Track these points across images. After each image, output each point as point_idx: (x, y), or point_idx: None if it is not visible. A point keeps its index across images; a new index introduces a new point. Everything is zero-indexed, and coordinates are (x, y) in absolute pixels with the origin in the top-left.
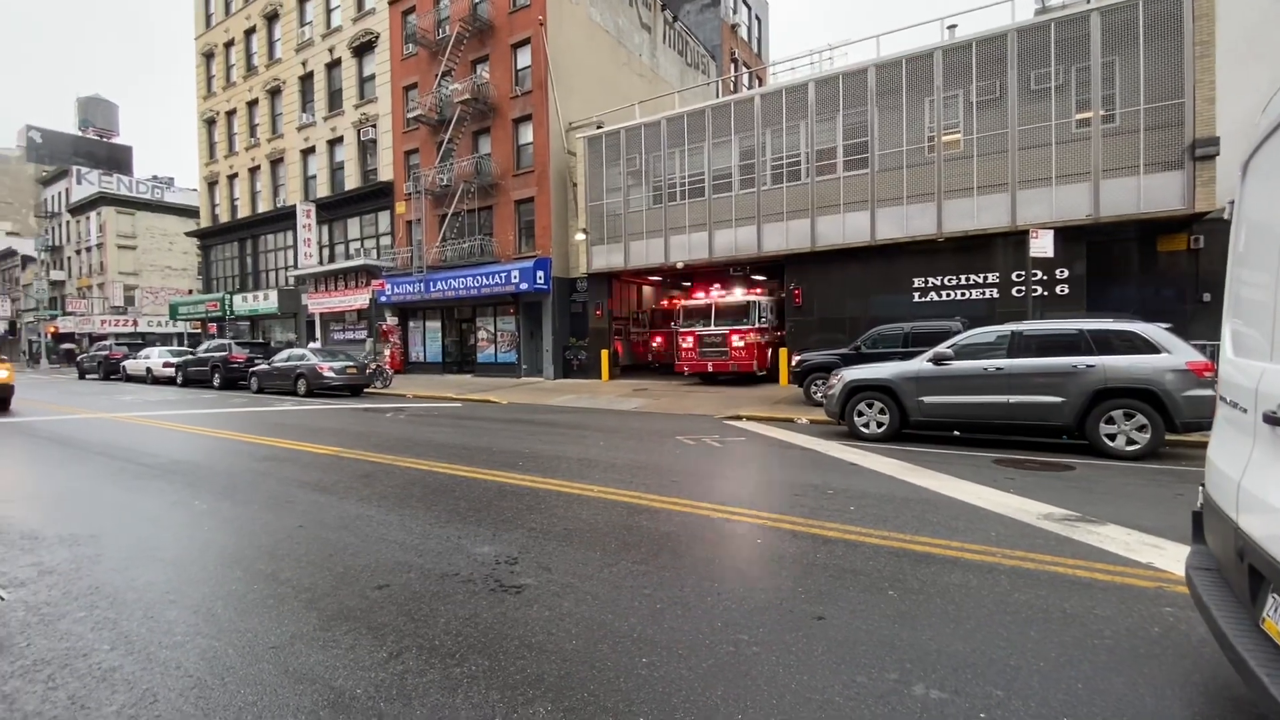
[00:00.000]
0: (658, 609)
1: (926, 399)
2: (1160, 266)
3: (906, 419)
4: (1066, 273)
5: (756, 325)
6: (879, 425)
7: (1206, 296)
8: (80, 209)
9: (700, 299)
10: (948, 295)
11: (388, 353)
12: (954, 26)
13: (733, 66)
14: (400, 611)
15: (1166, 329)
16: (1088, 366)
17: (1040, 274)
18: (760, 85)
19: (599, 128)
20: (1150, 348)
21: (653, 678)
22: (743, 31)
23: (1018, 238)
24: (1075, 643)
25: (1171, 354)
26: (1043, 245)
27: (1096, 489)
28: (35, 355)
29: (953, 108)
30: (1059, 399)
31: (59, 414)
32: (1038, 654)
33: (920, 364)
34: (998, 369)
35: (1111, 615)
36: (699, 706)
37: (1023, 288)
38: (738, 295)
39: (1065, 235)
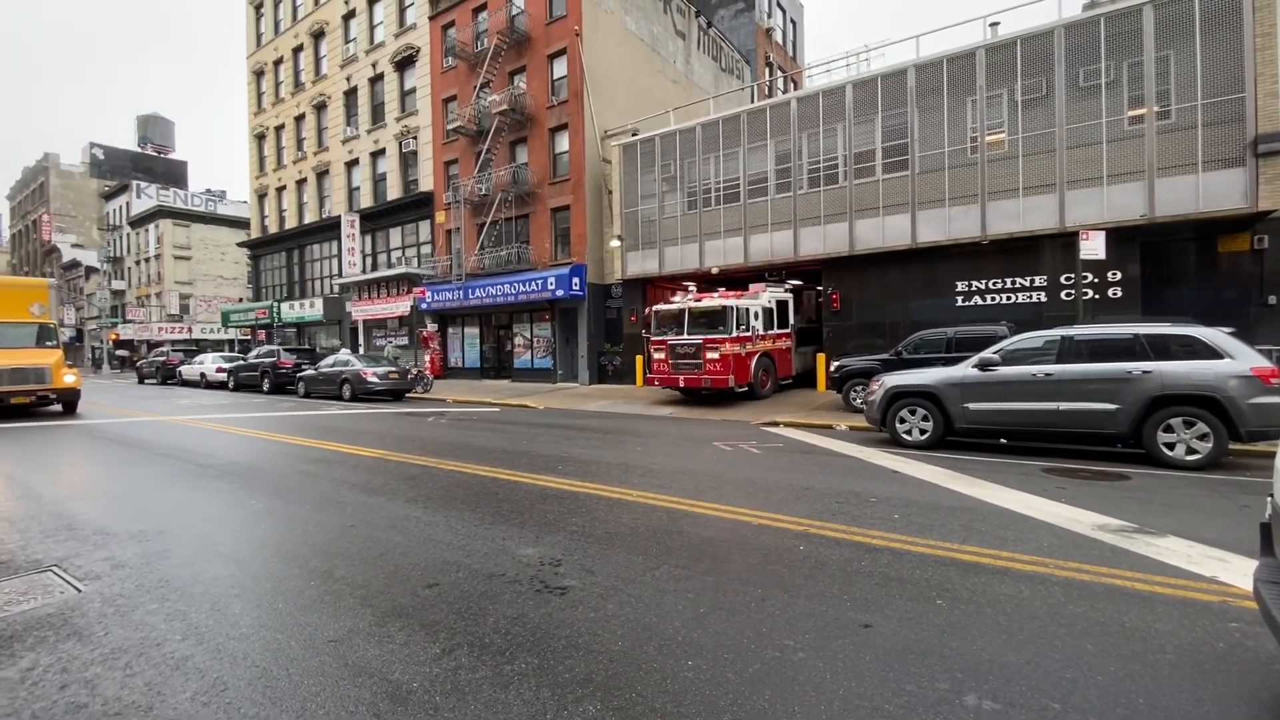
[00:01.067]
0: (701, 613)
1: (972, 406)
2: (1221, 268)
3: (951, 426)
4: (1119, 275)
5: (735, 334)
6: (922, 432)
7: (1272, 299)
8: (139, 221)
9: (673, 303)
10: (992, 299)
11: (428, 358)
12: (996, 24)
13: (767, 71)
14: (451, 610)
15: (1229, 333)
16: (1144, 372)
17: (1091, 276)
18: (796, 89)
19: (634, 135)
20: (1211, 353)
21: (699, 680)
22: (777, 35)
23: (1066, 239)
24: (1135, 657)
25: (1235, 359)
26: (1093, 247)
27: (1155, 500)
28: (98, 361)
29: (996, 107)
30: (1113, 406)
31: (122, 416)
32: (1095, 668)
33: (965, 370)
34: (1047, 375)
35: (1173, 630)
36: (746, 711)
37: (1072, 291)
38: (714, 299)
39: (1118, 236)
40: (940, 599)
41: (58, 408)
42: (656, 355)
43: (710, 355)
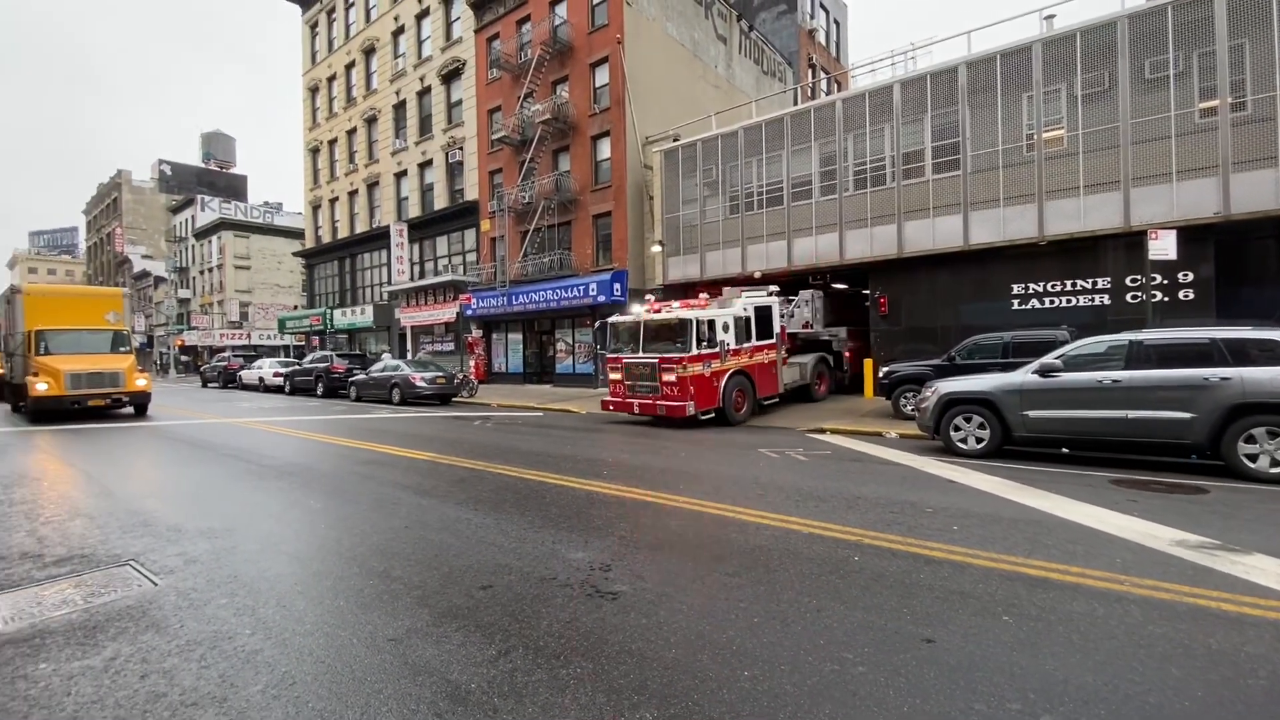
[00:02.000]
0: (755, 623)
1: (1032, 413)
2: None
3: (1009, 434)
4: (1190, 276)
5: (696, 352)
6: (978, 440)
7: None
8: (203, 234)
9: (629, 315)
10: (1051, 302)
11: (472, 363)
12: (1052, 17)
13: (810, 72)
14: (505, 612)
15: None
16: (1222, 379)
17: (1160, 278)
18: (840, 90)
19: (675, 141)
20: None
21: (756, 691)
22: (820, 36)
23: (1131, 239)
24: (1224, 682)
25: None
26: (1163, 246)
27: (1237, 514)
28: (165, 365)
29: (1054, 103)
30: (1188, 415)
31: (189, 418)
32: (1181, 692)
33: (1024, 376)
34: (1114, 381)
35: (1265, 653)
36: None
37: (1138, 293)
38: (671, 311)
39: (1188, 235)
40: (1007, 615)
41: (130, 410)
42: (612, 375)
43: (666, 377)
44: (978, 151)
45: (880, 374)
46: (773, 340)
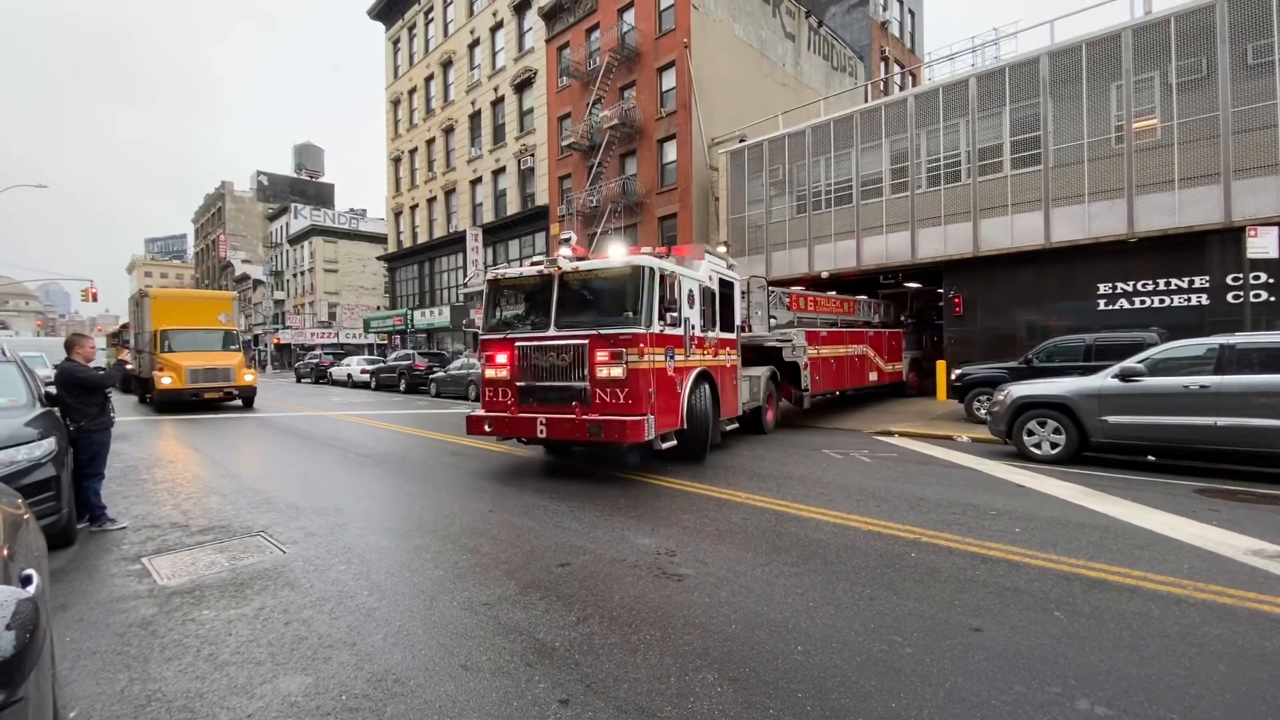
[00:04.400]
0: (810, 606)
1: (1111, 419)
2: None
3: (1086, 440)
4: None
5: (660, 329)
6: (1053, 446)
7: None
8: (296, 239)
9: (530, 269)
10: (1142, 302)
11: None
12: None
13: (883, 66)
14: (581, 586)
15: None
16: None
17: (1266, 277)
18: (915, 83)
19: (741, 141)
20: None
21: (808, 663)
22: (893, 28)
23: (1233, 235)
24: (1272, 679)
25: None
26: (1263, 244)
27: None
28: (263, 362)
29: (1146, 92)
30: None
31: (289, 411)
32: (1225, 686)
33: (1104, 380)
34: (1202, 387)
35: None
36: (853, 692)
37: (1240, 293)
38: (613, 259)
39: None
40: (1059, 611)
41: (239, 402)
42: (490, 373)
43: (605, 371)
44: (1060, 145)
45: (953, 376)
46: (733, 335)
